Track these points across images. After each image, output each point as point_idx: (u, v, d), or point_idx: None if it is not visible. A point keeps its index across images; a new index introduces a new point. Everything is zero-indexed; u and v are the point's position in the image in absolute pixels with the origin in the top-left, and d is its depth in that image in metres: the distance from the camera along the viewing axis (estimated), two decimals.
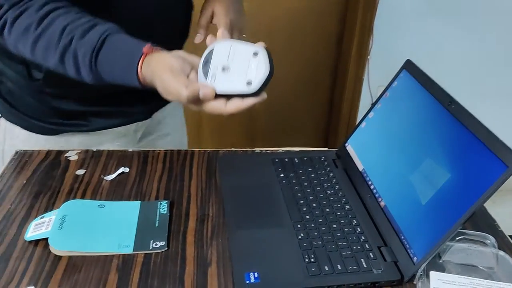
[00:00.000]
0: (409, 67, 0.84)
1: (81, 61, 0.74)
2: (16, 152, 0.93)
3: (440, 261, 0.70)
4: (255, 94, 0.68)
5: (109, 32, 0.74)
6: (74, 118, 0.96)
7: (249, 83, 0.67)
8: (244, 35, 0.95)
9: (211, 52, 0.72)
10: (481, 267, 0.69)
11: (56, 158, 0.92)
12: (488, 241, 0.71)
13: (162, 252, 0.71)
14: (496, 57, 2.01)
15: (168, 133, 1.11)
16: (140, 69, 0.72)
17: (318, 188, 0.84)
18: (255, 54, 0.70)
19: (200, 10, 0.97)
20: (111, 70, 0.75)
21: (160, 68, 0.71)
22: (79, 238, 0.72)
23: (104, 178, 0.87)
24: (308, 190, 0.83)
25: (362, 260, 0.69)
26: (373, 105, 0.89)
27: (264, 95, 0.69)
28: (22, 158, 0.92)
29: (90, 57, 0.73)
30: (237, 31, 0.94)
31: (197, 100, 0.69)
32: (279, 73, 2.36)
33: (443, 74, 0.91)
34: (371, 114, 0.89)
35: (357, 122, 0.91)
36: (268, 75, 0.68)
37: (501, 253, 0.71)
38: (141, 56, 0.72)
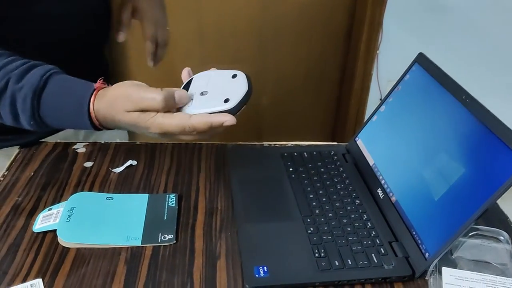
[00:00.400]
0: (422, 60, 0.82)
1: (20, 107, 0.65)
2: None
3: (452, 257, 0.69)
4: (232, 111, 0.65)
5: (51, 71, 0.66)
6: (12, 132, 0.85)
7: (226, 100, 0.65)
8: (168, 28, 0.92)
9: (189, 81, 0.70)
10: (494, 264, 0.68)
11: (63, 150, 0.92)
12: (502, 237, 0.70)
13: (170, 245, 0.70)
14: (507, 53, 1.99)
15: None
16: (93, 104, 0.64)
17: (328, 183, 0.83)
18: (234, 76, 0.68)
19: (120, 4, 0.89)
20: (56, 112, 0.67)
21: (122, 90, 0.64)
22: (87, 230, 0.71)
23: (112, 170, 0.86)
24: (318, 184, 0.83)
25: (373, 255, 0.68)
26: (385, 98, 0.87)
27: (233, 120, 0.64)
28: (29, 150, 0.91)
29: (32, 100, 0.64)
30: (161, 28, 0.89)
31: (171, 105, 0.64)
32: (287, 68, 2.36)
33: (453, 69, 0.89)
34: (382, 108, 0.88)
35: (366, 118, 0.90)
36: (246, 92, 0.65)
37: None
38: (93, 91, 0.64)
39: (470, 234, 0.69)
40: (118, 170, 0.86)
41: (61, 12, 0.76)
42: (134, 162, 0.89)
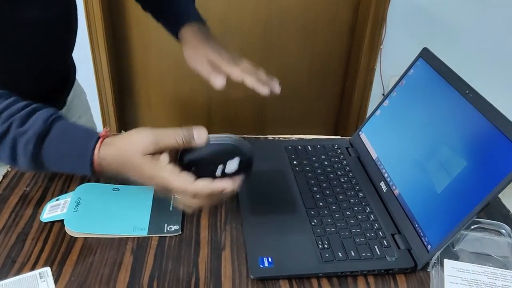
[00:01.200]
0: (426, 55, 0.83)
1: (21, 150, 0.63)
2: None
3: (454, 249, 0.69)
4: (231, 175, 0.64)
5: (54, 116, 0.65)
6: None
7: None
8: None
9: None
10: (495, 256, 0.69)
11: None
12: (503, 231, 0.70)
13: (176, 235, 0.71)
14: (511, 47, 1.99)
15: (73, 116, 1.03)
16: (98, 152, 0.63)
17: (331, 176, 0.84)
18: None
19: (190, 63, 0.87)
20: (58, 158, 0.65)
21: (137, 134, 0.63)
22: (94, 220, 0.72)
23: None
24: (322, 178, 0.83)
25: (376, 247, 0.69)
26: (388, 93, 0.88)
27: (232, 185, 0.63)
28: None
29: (34, 146, 0.63)
30: (236, 60, 0.85)
31: (190, 142, 0.62)
32: (290, 63, 2.36)
33: (458, 64, 0.90)
34: (386, 102, 0.88)
35: (368, 113, 0.91)
36: (242, 160, 0.64)
37: None
38: (97, 139, 0.64)
39: (472, 227, 0.70)
40: None
41: (34, 18, 0.76)
42: None
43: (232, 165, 0.63)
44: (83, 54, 1.86)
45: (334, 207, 0.76)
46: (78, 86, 1.06)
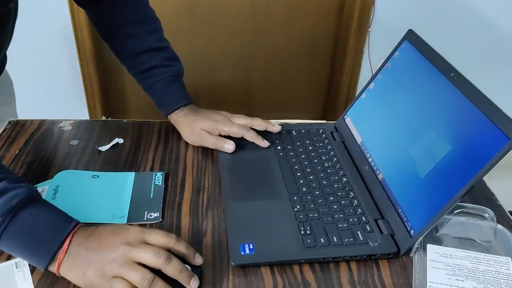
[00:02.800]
0: (411, 37, 0.81)
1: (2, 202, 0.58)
2: (9, 122, 0.92)
3: (438, 234, 0.69)
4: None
5: (20, 205, 0.58)
6: None
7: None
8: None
9: None
10: (479, 241, 0.68)
11: (49, 129, 0.91)
12: (487, 215, 0.70)
13: (156, 223, 0.70)
14: (499, 28, 1.98)
15: None
16: (69, 241, 0.59)
17: (315, 161, 0.83)
18: None
19: (193, 143, 0.88)
20: (16, 245, 0.59)
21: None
22: (73, 208, 0.70)
23: (98, 148, 0.85)
24: (306, 163, 0.82)
25: (359, 232, 0.68)
26: (374, 76, 0.87)
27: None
28: (14, 128, 0.90)
29: (16, 204, 0.58)
30: (230, 117, 0.89)
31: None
32: (278, 45, 2.34)
33: (445, 46, 0.89)
34: (371, 85, 0.87)
35: (357, 95, 0.90)
36: None
37: (500, 227, 0.70)
38: (70, 231, 0.59)
39: (455, 211, 0.69)
40: (104, 148, 0.86)
41: None
42: (121, 140, 0.88)
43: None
44: (67, 38, 1.82)
45: (317, 192, 0.75)
46: (7, 76, 1.03)
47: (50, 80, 1.93)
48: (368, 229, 0.69)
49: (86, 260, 0.58)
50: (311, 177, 0.79)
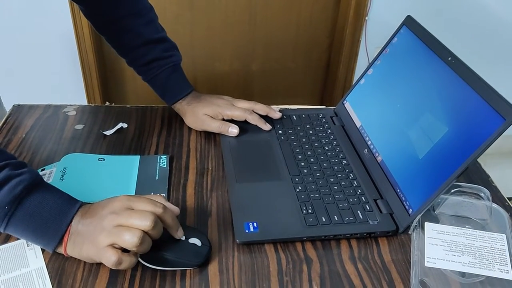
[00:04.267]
0: (410, 23, 0.83)
1: (5, 191, 0.58)
2: (14, 106, 0.93)
3: (435, 213, 0.71)
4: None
5: (25, 192, 0.59)
6: None
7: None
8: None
9: None
10: (474, 219, 0.71)
11: (54, 113, 0.92)
12: (482, 194, 0.72)
13: None
14: (497, 17, 2.00)
15: None
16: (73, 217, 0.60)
17: (316, 144, 0.85)
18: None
19: (197, 129, 0.90)
20: (24, 230, 0.60)
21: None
22: (80, 190, 0.72)
23: (103, 132, 0.87)
24: (306, 146, 0.84)
25: (359, 212, 0.70)
26: (373, 61, 0.89)
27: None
28: (20, 113, 0.91)
29: (21, 190, 0.59)
30: (232, 101, 0.91)
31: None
32: (276, 34, 2.33)
33: (442, 35, 0.90)
34: (370, 71, 0.89)
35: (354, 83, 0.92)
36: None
37: (495, 205, 0.72)
38: (75, 213, 0.60)
39: (452, 191, 0.72)
40: (109, 132, 0.87)
41: None
42: (125, 125, 0.89)
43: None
44: (65, 26, 1.82)
45: (318, 174, 0.77)
46: None
47: (49, 68, 1.93)
48: (368, 208, 0.71)
49: (83, 236, 0.59)
50: (312, 159, 0.81)
